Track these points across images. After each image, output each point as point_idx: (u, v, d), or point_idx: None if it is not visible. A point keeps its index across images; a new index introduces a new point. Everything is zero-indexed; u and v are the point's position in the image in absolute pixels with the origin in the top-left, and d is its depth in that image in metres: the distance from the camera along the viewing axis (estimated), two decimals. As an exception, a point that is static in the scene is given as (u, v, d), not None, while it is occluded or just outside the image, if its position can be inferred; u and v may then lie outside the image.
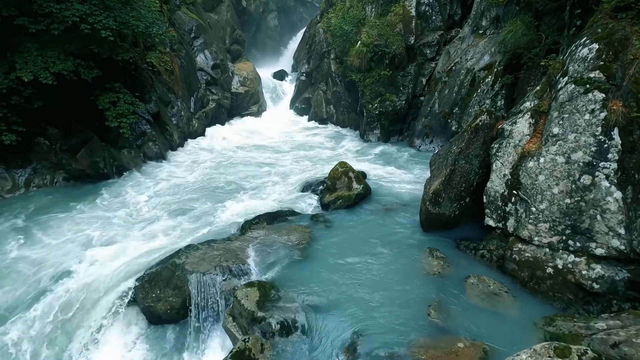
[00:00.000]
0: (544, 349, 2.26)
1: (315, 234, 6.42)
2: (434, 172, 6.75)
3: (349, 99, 14.75)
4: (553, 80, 5.58)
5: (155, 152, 10.82)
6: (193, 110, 13.92)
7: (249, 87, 17.36)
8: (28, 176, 8.42)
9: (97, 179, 9.09)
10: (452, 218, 6.39)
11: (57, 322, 5.08)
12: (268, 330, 4.42)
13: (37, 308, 5.17)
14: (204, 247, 5.88)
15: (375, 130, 12.82)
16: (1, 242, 6.52)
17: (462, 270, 5.43)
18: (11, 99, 7.60)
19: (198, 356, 4.86)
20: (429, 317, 4.51)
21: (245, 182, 9.29)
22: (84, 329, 5.10)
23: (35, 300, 5.28)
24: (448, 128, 11.15)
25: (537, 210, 5.12)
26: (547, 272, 4.88)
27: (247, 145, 12.82)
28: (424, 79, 12.94)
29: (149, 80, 11.19)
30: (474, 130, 6.24)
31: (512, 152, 5.57)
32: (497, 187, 5.67)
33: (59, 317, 5.13)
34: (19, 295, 5.42)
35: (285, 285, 5.09)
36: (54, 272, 5.78)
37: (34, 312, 5.12)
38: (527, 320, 4.51)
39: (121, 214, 7.63)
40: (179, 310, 5.25)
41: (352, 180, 7.84)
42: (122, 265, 5.92)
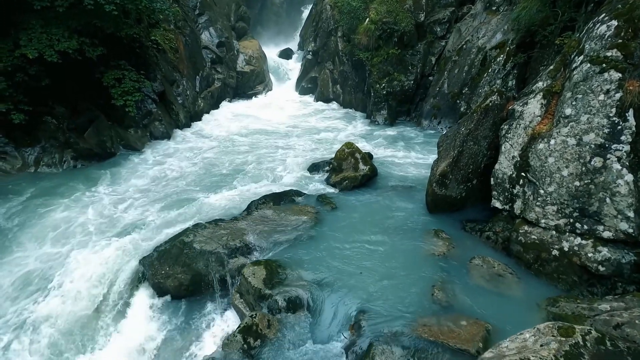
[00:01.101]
0: (548, 328, 2.29)
1: (321, 214, 6.45)
2: (441, 153, 6.68)
3: (356, 79, 14.49)
4: (568, 59, 5.41)
5: (162, 132, 10.83)
6: (198, 89, 13.81)
7: (255, 66, 17.11)
8: (37, 155, 8.51)
9: (105, 158, 9.17)
10: (458, 200, 6.37)
11: (72, 297, 5.26)
12: (274, 307, 4.53)
13: (56, 279, 5.39)
14: (211, 226, 5.96)
15: (382, 110, 12.64)
16: (16, 222, 6.68)
17: (467, 252, 5.45)
18: (16, 76, 7.58)
19: (207, 330, 5.00)
20: (433, 296, 4.57)
21: (250, 162, 9.30)
22: (99, 304, 5.28)
23: (55, 270, 5.50)
24: (457, 109, 10.96)
25: (545, 192, 5.07)
26: (552, 254, 4.88)
27: (252, 125, 12.75)
28: (433, 58, 12.63)
29: (153, 59, 11.07)
30: (484, 111, 6.12)
31: (522, 134, 5.47)
32: (505, 169, 5.61)
33: (74, 291, 5.30)
34: (39, 270, 5.61)
35: (291, 264, 5.18)
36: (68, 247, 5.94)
37: (56, 282, 5.37)
38: (530, 301, 4.55)
39: (129, 193, 7.73)
40: (187, 286, 5.38)
41: (359, 161, 7.81)
42: (131, 243, 6.04)
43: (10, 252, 6.05)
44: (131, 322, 5.25)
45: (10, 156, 8.24)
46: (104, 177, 8.38)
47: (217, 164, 9.28)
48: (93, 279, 5.51)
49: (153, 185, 8.16)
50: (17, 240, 6.28)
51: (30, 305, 5.20)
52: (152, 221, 6.65)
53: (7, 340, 4.86)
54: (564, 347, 2.06)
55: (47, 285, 5.42)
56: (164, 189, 7.93)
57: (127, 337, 5.11)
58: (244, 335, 4.14)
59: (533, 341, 2.23)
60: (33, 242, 6.24)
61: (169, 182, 8.26)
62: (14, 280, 5.52)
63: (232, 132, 12.00)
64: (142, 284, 5.57)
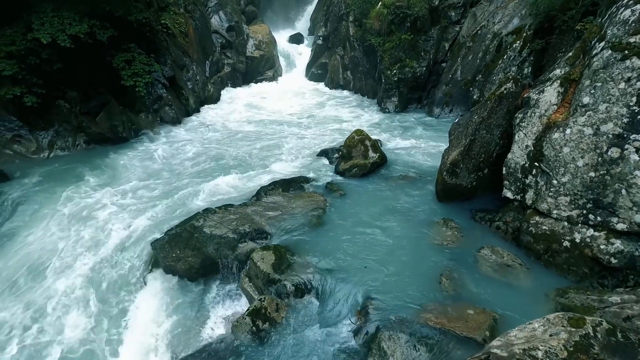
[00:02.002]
0: (558, 318, 2.27)
1: (329, 201, 6.46)
2: (452, 142, 6.58)
3: (367, 65, 14.27)
4: (588, 45, 5.22)
5: (172, 117, 10.88)
6: (208, 74, 13.78)
7: (264, 51, 16.96)
8: (51, 138, 8.64)
9: (116, 142, 9.27)
10: (468, 189, 6.30)
11: (90, 278, 5.42)
12: (283, 291, 4.59)
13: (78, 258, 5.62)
14: (220, 211, 6.02)
15: (393, 97, 12.46)
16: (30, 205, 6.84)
17: (476, 241, 5.42)
18: (28, 59, 7.64)
19: (217, 312, 5.12)
20: (441, 285, 4.58)
21: (259, 148, 9.32)
22: (114, 284, 5.44)
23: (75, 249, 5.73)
24: (469, 96, 10.75)
25: (558, 183, 4.98)
26: (563, 246, 4.83)
27: (261, 111, 12.72)
28: (446, 44, 12.34)
29: (163, 43, 11.03)
30: (498, 98, 5.98)
31: (537, 123, 5.35)
32: (517, 159, 5.51)
33: (94, 271, 5.46)
34: (61, 250, 5.78)
35: (300, 250, 5.22)
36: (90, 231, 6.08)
37: (81, 263, 5.60)
38: (539, 292, 4.53)
39: (140, 177, 7.83)
40: (198, 270, 5.48)
41: (368, 149, 7.75)
42: (142, 225, 6.15)
43: (26, 232, 6.23)
44: (142, 303, 5.39)
45: (25, 139, 8.39)
46: (116, 161, 8.49)
47: (226, 149, 9.32)
48: (105, 260, 5.65)
49: (164, 169, 8.25)
50: (32, 221, 6.45)
51: (50, 282, 5.38)
52: (163, 205, 6.75)
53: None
54: (573, 337, 2.05)
55: (65, 266, 5.59)
56: (174, 173, 8.02)
57: (138, 318, 5.25)
58: (253, 318, 4.22)
59: (542, 331, 2.23)
60: (48, 222, 6.40)
61: (179, 167, 8.34)
62: (27, 261, 5.71)
63: (241, 117, 11.99)
64: (153, 267, 5.69)
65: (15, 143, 8.30)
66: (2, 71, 7.31)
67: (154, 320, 5.23)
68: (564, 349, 1.97)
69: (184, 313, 5.27)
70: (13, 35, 7.61)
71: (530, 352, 1.96)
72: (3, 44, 7.49)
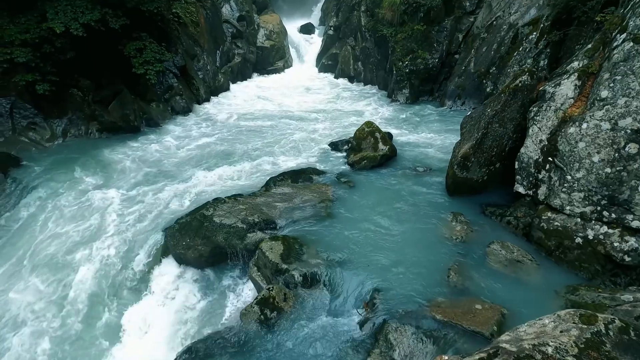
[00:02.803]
0: (569, 315, 2.24)
1: (338, 193, 6.46)
2: (464, 135, 6.49)
3: (378, 56, 14.08)
4: (608, 37, 5.06)
5: (182, 107, 10.94)
6: (219, 64, 13.77)
7: (275, 41, 16.85)
8: (65, 126, 8.78)
9: (128, 131, 9.37)
10: (479, 183, 6.22)
11: (101, 262, 5.55)
12: (291, 281, 4.63)
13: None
14: (230, 201, 6.07)
15: (404, 89, 12.30)
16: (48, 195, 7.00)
17: (486, 236, 5.37)
18: (43, 47, 7.73)
19: (225, 300, 5.20)
20: (449, 279, 4.56)
21: (268, 139, 9.33)
22: (128, 269, 5.57)
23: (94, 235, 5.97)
24: (482, 89, 10.54)
25: (572, 178, 4.89)
26: (575, 242, 4.75)
27: (271, 102, 12.69)
28: (460, 35, 12.07)
29: (175, 32, 11.04)
30: (512, 91, 5.86)
31: (552, 117, 5.23)
32: (531, 153, 5.41)
33: (108, 254, 5.61)
34: (80, 234, 6.01)
35: (308, 241, 5.24)
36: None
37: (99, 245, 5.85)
38: (549, 288, 4.48)
39: (151, 165, 7.93)
40: (207, 258, 5.55)
41: (378, 141, 7.70)
42: (154, 213, 6.25)
43: (38, 217, 6.38)
44: (152, 290, 5.50)
45: (39, 127, 8.54)
46: (128, 149, 8.60)
47: (236, 139, 9.35)
48: (119, 247, 5.77)
49: (174, 158, 8.33)
50: (44, 208, 6.60)
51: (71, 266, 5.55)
52: (173, 193, 6.83)
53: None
54: (585, 334, 2.02)
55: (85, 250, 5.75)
56: (184, 162, 8.09)
57: (147, 303, 5.37)
58: (261, 306, 4.27)
59: (552, 327, 2.21)
60: (59, 209, 6.54)
61: (189, 156, 8.41)
62: (40, 243, 5.86)
63: (251, 108, 11.99)
64: (164, 254, 5.79)
65: (30, 130, 8.45)
66: (16, 58, 7.41)
67: (163, 306, 5.33)
68: (575, 345, 1.95)
69: (192, 301, 5.37)
70: (27, 24, 7.69)
71: (540, 348, 1.94)
72: (18, 32, 7.58)
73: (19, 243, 6.13)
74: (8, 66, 7.58)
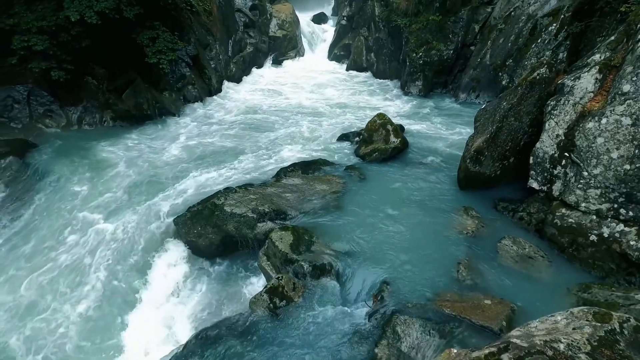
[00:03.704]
0: (582, 312, 2.22)
1: (348, 185, 6.44)
2: (478, 128, 6.38)
3: (392, 47, 13.86)
4: (633, 29, 4.88)
5: (195, 96, 10.99)
6: (231, 54, 13.75)
7: (287, 31, 16.72)
8: (80, 114, 8.91)
9: (141, 120, 9.47)
10: (492, 178, 6.14)
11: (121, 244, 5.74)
12: (300, 271, 4.67)
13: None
14: (241, 191, 6.11)
15: (417, 81, 12.11)
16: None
17: (497, 231, 5.32)
18: (60, 36, 7.82)
19: (235, 287, 5.28)
20: (458, 273, 4.54)
21: (279, 129, 9.33)
22: (140, 254, 5.72)
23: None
24: (498, 82, 10.31)
25: (589, 175, 4.78)
26: (590, 240, 4.67)
27: (283, 92, 12.66)
28: (477, 26, 11.78)
29: (187, 21, 11.04)
30: (530, 84, 5.71)
31: (570, 111, 5.10)
32: (547, 148, 5.30)
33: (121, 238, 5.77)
34: (92, 216, 6.27)
35: (317, 232, 5.26)
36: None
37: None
38: (560, 286, 4.43)
39: (163, 154, 8.02)
40: (217, 246, 5.63)
41: (390, 133, 7.63)
42: (166, 201, 6.35)
43: (54, 202, 6.56)
44: (163, 275, 5.61)
45: (55, 114, 8.69)
46: (140, 138, 8.70)
47: (246, 129, 9.38)
48: (126, 232, 5.91)
49: (186, 148, 8.40)
50: (59, 192, 6.78)
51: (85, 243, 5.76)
52: (185, 182, 6.92)
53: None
54: (598, 332, 1.99)
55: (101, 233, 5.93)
56: (196, 152, 8.16)
57: (159, 288, 5.48)
58: (270, 295, 4.33)
59: (565, 324, 2.18)
60: (74, 194, 6.70)
61: (201, 146, 8.47)
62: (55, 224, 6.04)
63: (261, 98, 11.99)
64: (175, 241, 5.89)
65: (47, 118, 8.61)
66: (34, 46, 7.52)
67: (174, 291, 5.45)
68: (588, 342, 1.92)
69: (202, 288, 5.47)
70: (44, 11, 7.77)
71: (552, 344, 1.92)
72: (35, 19, 7.67)
73: (39, 224, 6.32)
74: (25, 54, 7.70)
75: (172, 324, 5.17)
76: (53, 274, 5.53)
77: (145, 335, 5.02)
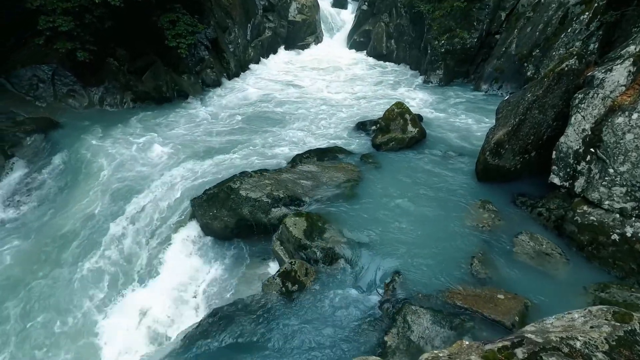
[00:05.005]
0: (601, 311, 2.17)
1: (363, 173, 6.41)
2: (499, 120, 6.22)
3: (413, 34, 13.52)
4: (673, 19, 4.60)
5: (213, 80, 11.02)
6: (249, 38, 13.67)
7: (307, 16, 16.48)
8: (101, 94, 9.09)
9: (160, 102, 9.59)
10: (511, 171, 6.00)
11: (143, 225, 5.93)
12: (312, 257, 4.72)
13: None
14: (256, 175, 6.16)
15: (438, 70, 11.82)
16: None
17: (514, 226, 5.22)
18: (84, 17, 7.92)
19: (248, 271, 5.38)
20: (472, 266, 4.50)
21: (296, 115, 9.30)
22: (157, 235, 5.87)
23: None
24: (523, 73, 9.97)
25: (615, 172, 4.61)
26: (611, 239, 4.54)
27: (300, 78, 12.56)
28: (503, 14, 11.35)
29: (207, 4, 11.00)
30: (557, 75, 5.50)
31: (599, 105, 4.90)
32: (571, 143, 5.13)
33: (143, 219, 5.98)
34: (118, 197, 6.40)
35: (331, 219, 5.28)
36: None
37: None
38: (577, 284, 4.34)
39: (181, 137, 8.14)
40: (232, 229, 5.73)
41: (408, 123, 7.51)
42: (184, 183, 6.47)
43: (79, 181, 6.77)
44: (178, 255, 5.75)
45: (78, 94, 8.89)
46: (160, 120, 8.83)
47: (264, 115, 9.39)
48: (150, 211, 6.06)
49: (204, 131, 8.49)
50: (84, 171, 6.98)
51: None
52: (202, 164, 7.02)
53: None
54: (617, 332, 1.95)
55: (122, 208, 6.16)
56: (213, 135, 8.24)
57: (174, 268, 5.63)
58: (283, 279, 4.40)
59: (582, 322, 2.14)
60: (102, 174, 6.90)
61: (219, 129, 8.55)
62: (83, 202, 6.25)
63: (279, 84, 11.93)
64: (191, 222, 6.01)
65: (70, 97, 8.82)
66: (60, 27, 7.65)
67: (186, 273, 5.59)
68: (606, 342, 1.89)
69: (216, 269, 5.59)
70: (69, -8, 7.87)
71: (568, 342, 1.90)
72: (59, 0, 7.78)
73: (62, 200, 6.56)
74: (51, 34, 7.84)
75: (186, 302, 5.32)
76: (72, 247, 5.73)
77: (159, 313, 5.18)
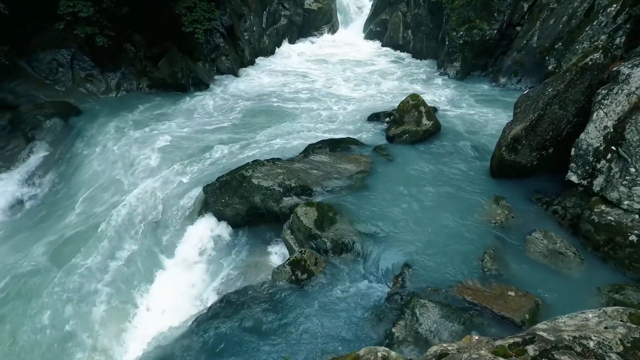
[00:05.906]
0: (617, 312, 2.13)
1: (375, 165, 6.38)
2: (517, 115, 6.07)
3: (431, 25, 13.23)
4: None
5: (227, 67, 11.04)
6: (264, 25, 13.60)
7: (323, 4, 16.28)
8: (118, 80, 9.20)
9: (175, 88, 9.67)
10: (527, 168, 5.88)
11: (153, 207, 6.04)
12: (322, 247, 4.75)
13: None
14: (269, 164, 6.19)
15: (455, 62, 11.56)
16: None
17: (528, 224, 5.13)
18: (102, 2, 7.99)
19: (259, 257, 5.45)
20: (483, 262, 4.46)
21: (310, 106, 9.26)
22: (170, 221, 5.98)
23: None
24: (544, 66, 9.67)
25: (636, 171, 4.48)
26: (629, 240, 4.43)
27: (315, 67, 12.47)
28: (525, 5, 10.96)
29: (224, -10, 10.94)
30: (580, 70, 5.33)
31: (623, 101, 4.73)
32: (591, 140, 4.98)
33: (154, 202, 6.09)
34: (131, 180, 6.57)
35: (342, 210, 5.28)
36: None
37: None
38: (590, 284, 4.26)
39: (196, 123, 8.21)
40: (244, 217, 5.79)
41: (422, 115, 7.41)
42: (197, 169, 6.55)
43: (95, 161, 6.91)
44: (191, 240, 5.85)
45: (96, 79, 9.02)
46: (175, 105, 8.92)
47: (278, 104, 9.38)
48: (163, 197, 6.16)
49: (218, 118, 8.55)
50: (100, 152, 7.12)
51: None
52: (215, 152, 7.09)
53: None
54: (633, 334, 1.92)
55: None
56: (227, 123, 8.29)
57: (186, 252, 5.74)
58: (293, 267, 4.44)
59: (596, 322, 2.11)
60: (119, 158, 7.04)
61: (232, 117, 8.58)
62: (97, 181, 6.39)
63: (294, 73, 11.87)
64: (203, 209, 6.10)
65: (88, 82, 8.96)
66: (80, 12, 7.74)
67: (200, 256, 5.69)
68: (620, 343, 1.86)
69: (229, 254, 5.67)
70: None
71: (581, 341, 1.87)
72: (78, -15, 7.85)
73: (79, 183, 6.74)
74: (70, 19, 7.94)
75: (197, 287, 5.43)
76: (86, 229, 5.89)
77: (172, 296, 5.31)
